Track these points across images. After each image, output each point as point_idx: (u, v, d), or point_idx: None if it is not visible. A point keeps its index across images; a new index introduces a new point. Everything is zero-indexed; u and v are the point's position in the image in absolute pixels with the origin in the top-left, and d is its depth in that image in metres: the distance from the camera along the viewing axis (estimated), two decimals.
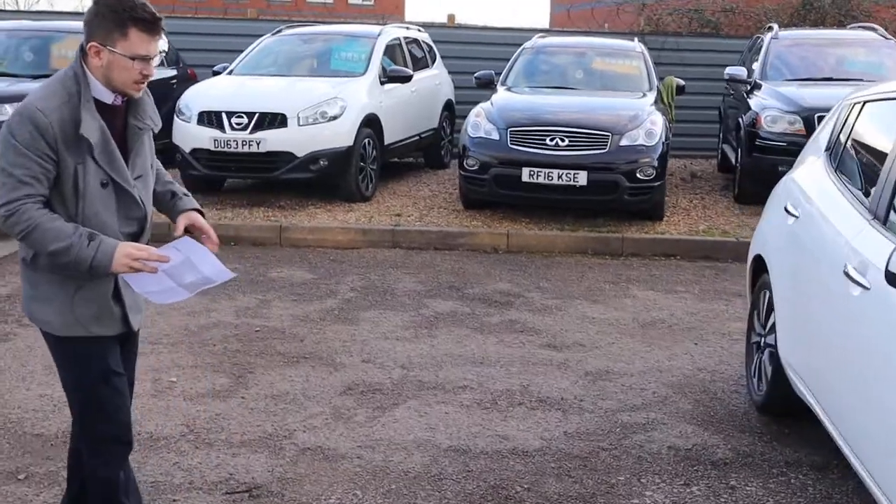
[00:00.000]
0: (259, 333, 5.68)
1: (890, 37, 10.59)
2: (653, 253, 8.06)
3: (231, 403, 4.60)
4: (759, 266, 4.74)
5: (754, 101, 9.55)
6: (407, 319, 6.05)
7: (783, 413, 4.51)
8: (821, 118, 8.78)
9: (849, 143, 4.03)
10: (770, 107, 9.18)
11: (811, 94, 9.18)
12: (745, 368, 4.92)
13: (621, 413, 4.59)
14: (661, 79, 10.00)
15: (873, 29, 10.92)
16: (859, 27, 11.34)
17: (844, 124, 4.18)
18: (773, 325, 4.41)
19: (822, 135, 4.54)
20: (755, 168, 9.23)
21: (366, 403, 4.65)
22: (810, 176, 4.27)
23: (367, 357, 5.31)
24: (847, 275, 3.28)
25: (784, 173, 8.91)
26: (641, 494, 3.78)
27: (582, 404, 4.69)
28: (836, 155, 4.11)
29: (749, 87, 10.00)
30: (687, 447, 4.22)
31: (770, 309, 4.51)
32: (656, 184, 8.37)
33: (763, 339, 4.61)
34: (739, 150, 9.64)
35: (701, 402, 4.76)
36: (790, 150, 8.87)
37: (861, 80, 9.73)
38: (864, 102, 4.03)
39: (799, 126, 8.92)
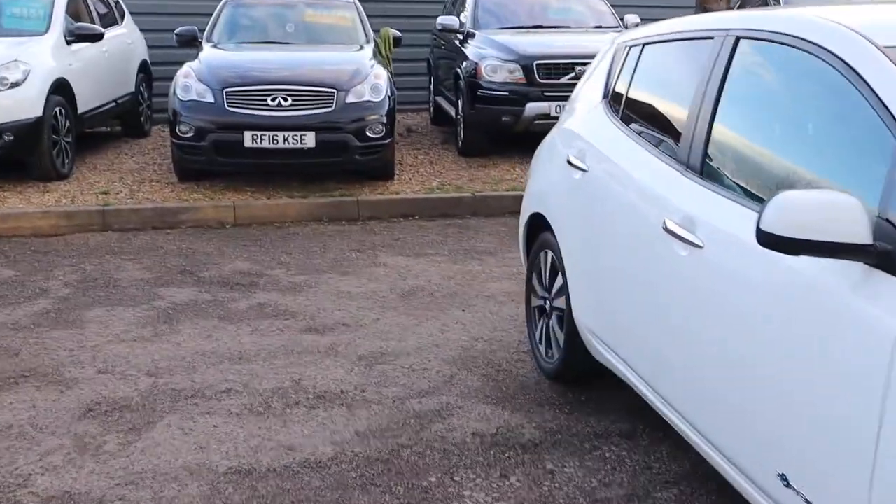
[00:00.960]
0: None
1: None
2: (390, 215, 7.68)
3: None
4: (537, 225, 4.47)
5: (471, 51, 9.40)
6: (141, 315, 5.24)
7: (576, 380, 4.29)
8: (539, 66, 8.87)
9: (634, 88, 3.79)
10: (489, 56, 9.06)
11: (527, 42, 9.17)
12: (529, 335, 4.65)
13: (410, 400, 4.15)
14: (376, 31, 9.58)
15: None
16: None
17: (622, 69, 3.95)
18: (561, 287, 4.16)
19: (592, 82, 4.29)
20: (479, 119, 9.11)
21: (114, 427, 3.88)
22: (591, 126, 4.00)
23: (103, 367, 4.50)
24: (669, 232, 3.02)
25: (508, 123, 8.98)
26: (460, 496, 3.37)
27: (365, 395, 4.20)
28: (619, 102, 3.86)
29: (462, 37, 9.84)
30: (491, 432, 3.86)
31: (555, 271, 4.25)
32: (386, 141, 7.97)
33: (549, 303, 4.35)
34: (460, 101, 9.47)
35: (489, 376, 4.43)
36: (513, 100, 8.90)
37: (568, 27, 9.94)
38: (644, 45, 3.81)
39: (519, 74, 8.88)
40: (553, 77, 8.84)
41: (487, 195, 7.97)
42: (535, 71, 8.80)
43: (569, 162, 4.00)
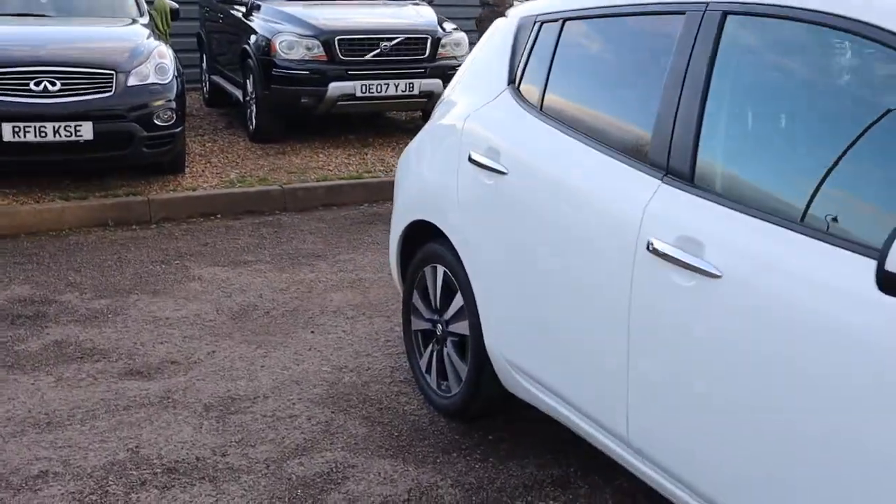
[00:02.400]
0: None
1: None
2: (188, 214, 6.66)
3: None
4: (418, 235, 3.75)
5: (259, 25, 8.43)
6: None
7: (479, 415, 3.63)
8: (342, 41, 8.07)
9: (558, 74, 3.13)
10: (283, 31, 8.13)
11: (325, 15, 8.32)
12: (411, 364, 3.92)
13: (289, 462, 3.33)
14: (150, 2, 8.40)
15: None
16: None
17: (532, 50, 3.28)
18: (461, 310, 3.47)
19: (483, 65, 3.59)
20: (275, 101, 8.19)
21: None
22: (498, 119, 3.31)
23: None
24: (661, 255, 2.41)
25: (308, 105, 8.12)
26: None
27: (229, 461, 3.34)
28: (535, 91, 3.19)
29: (246, 9, 8.84)
30: (403, 497, 3.12)
31: (449, 289, 3.56)
32: (177, 130, 6.92)
33: (441, 328, 3.65)
34: (249, 82, 8.49)
35: (373, 418, 3.68)
36: (313, 79, 8.09)
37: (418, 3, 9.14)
38: (563, 21, 3.16)
39: (319, 51, 8.04)
40: (357, 54, 8.07)
41: (297, 187, 7.11)
42: (337, 47, 8.00)
43: (472, 161, 3.30)
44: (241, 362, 4.18)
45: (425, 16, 8.63)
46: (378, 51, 8.06)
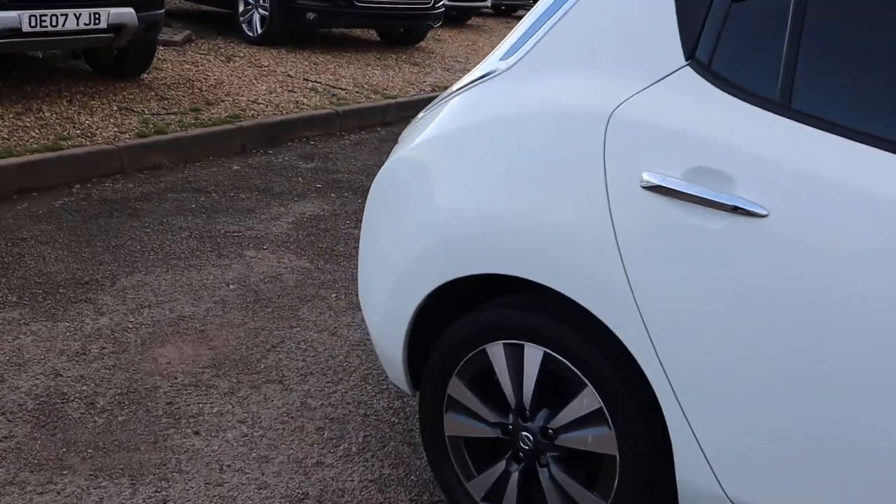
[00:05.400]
0: None
1: None
2: None
3: None
4: (450, 299, 2.36)
5: None
6: None
7: None
8: None
9: (829, 47, 1.91)
10: None
11: None
12: (448, 488, 2.52)
13: None
14: None
15: None
16: None
17: (731, 10, 2.00)
18: (589, 418, 2.19)
19: (614, 22, 2.20)
20: None
21: None
22: (699, 117, 1.97)
23: None
24: None
25: None
26: None
27: None
28: (772, 73, 1.94)
29: None
30: None
31: (547, 380, 2.24)
32: None
33: (532, 438, 2.31)
34: None
35: None
36: None
37: None
38: None
39: None
40: None
41: None
42: None
43: (652, 188, 1.98)
44: None
45: None
46: None
